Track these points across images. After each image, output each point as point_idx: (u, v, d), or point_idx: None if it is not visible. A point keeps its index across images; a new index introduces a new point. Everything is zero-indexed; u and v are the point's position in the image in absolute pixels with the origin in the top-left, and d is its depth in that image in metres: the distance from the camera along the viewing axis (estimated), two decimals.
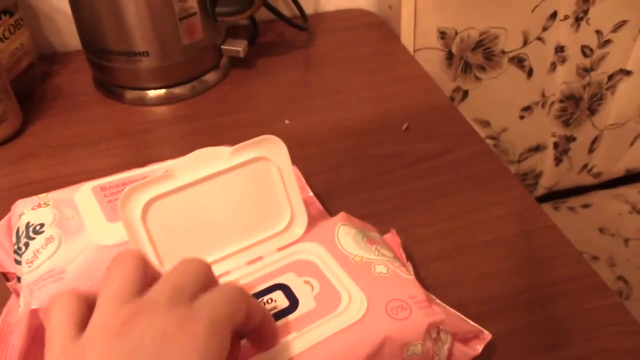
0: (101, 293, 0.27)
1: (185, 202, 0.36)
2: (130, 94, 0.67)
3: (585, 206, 0.92)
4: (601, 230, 0.87)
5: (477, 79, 0.82)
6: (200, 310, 0.26)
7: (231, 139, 0.47)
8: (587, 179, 0.97)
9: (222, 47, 0.69)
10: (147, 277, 0.28)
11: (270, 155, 0.38)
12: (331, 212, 0.49)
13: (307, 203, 0.41)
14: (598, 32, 0.83)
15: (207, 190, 0.36)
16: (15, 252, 0.39)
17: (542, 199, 0.96)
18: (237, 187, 0.37)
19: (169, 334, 0.24)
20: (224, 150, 0.37)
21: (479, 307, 0.43)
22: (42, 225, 0.40)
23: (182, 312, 0.26)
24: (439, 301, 0.38)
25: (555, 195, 0.96)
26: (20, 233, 0.40)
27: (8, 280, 0.41)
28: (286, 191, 0.39)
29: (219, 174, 0.36)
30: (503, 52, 0.81)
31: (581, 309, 0.44)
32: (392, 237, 0.45)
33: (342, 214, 0.42)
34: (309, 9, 0.82)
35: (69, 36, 0.76)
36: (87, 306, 0.27)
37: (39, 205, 0.41)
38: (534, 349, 0.41)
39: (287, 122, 0.64)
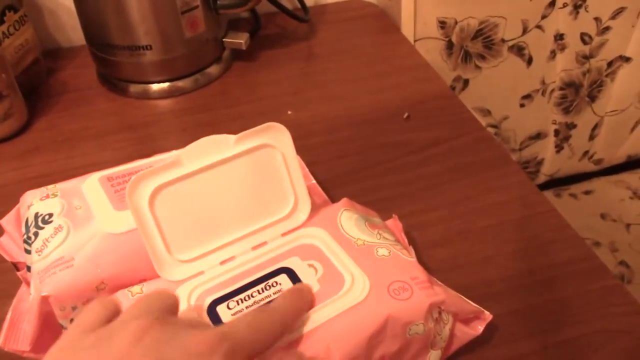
0: (132, 308, 0.29)
1: (192, 189, 0.36)
2: (134, 88, 0.67)
3: (587, 192, 0.93)
4: (603, 216, 0.88)
5: (478, 67, 0.82)
6: (226, 338, 0.27)
7: (234, 130, 0.47)
8: (588, 166, 0.98)
9: (224, 40, 0.70)
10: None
11: (274, 142, 0.38)
12: (334, 200, 0.50)
13: (310, 191, 0.42)
14: (597, 19, 0.83)
15: (212, 177, 0.37)
16: (24, 241, 0.40)
17: (544, 186, 0.97)
18: (242, 174, 0.38)
19: (192, 354, 0.26)
20: (229, 138, 0.37)
21: (481, 290, 0.43)
22: (50, 215, 0.41)
23: (208, 336, 0.26)
24: (440, 283, 0.39)
25: (557, 183, 0.97)
26: (29, 223, 0.41)
27: (18, 270, 0.42)
28: (290, 177, 0.40)
29: (224, 162, 0.37)
30: (503, 40, 0.81)
31: (581, 291, 0.45)
32: (394, 223, 0.45)
33: (344, 200, 0.43)
34: (309, 1, 0.83)
35: (72, 31, 0.76)
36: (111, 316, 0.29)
37: (47, 196, 0.42)
38: (534, 329, 0.42)
39: (289, 112, 0.64)
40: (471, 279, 0.45)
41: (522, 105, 0.87)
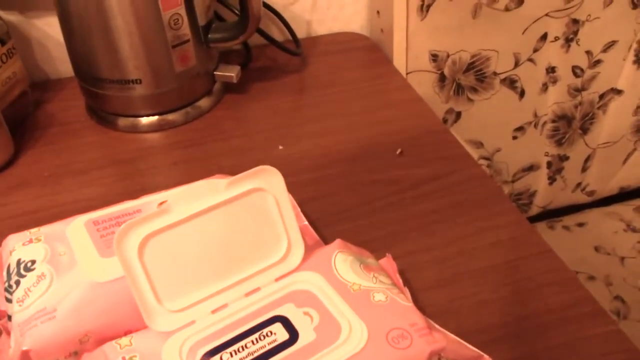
0: None
1: (182, 236, 0.35)
2: (123, 122, 0.66)
3: (580, 225, 0.92)
4: (597, 249, 0.87)
5: (470, 100, 0.82)
6: None
7: (225, 165, 0.47)
8: (581, 197, 0.97)
9: (215, 73, 0.69)
10: None
11: (266, 185, 0.37)
12: (326, 240, 0.49)
13: (302, 232, 0.40)
14: (588, 52, 0.84)
15: (203, 223, 0.36)
16: (6, 290, 0.39)
17: (537, 218, 0.96)
18: (234, 219, 0.37)
19: None
20: (220, 182, 0.36)
21: (477, 337, 0.42)
22: (33, 262, 0.39)
23: None
24: (438, 327, 0.38)
25: (550, 214, 0.96)
26: (11, 270, 0.39)
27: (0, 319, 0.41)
28: (283, 221, 0.38)
29: (215, 207, 0.36)
30: (495, 73, 0.81)
31: (579, 337, 0.43)
32: (387, 262, 0.44)
33: (338, 241, 0.42)
34: (301, 33, 0.83)
35: (61, 63, 0.75)
36: None
37: (30, 241, 0.41)
38: None
39: (280, 147, 0.63)
40: (467, 324, 0.44)
41: (514, 138, 0.87)
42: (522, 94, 0.84)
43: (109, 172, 0.61)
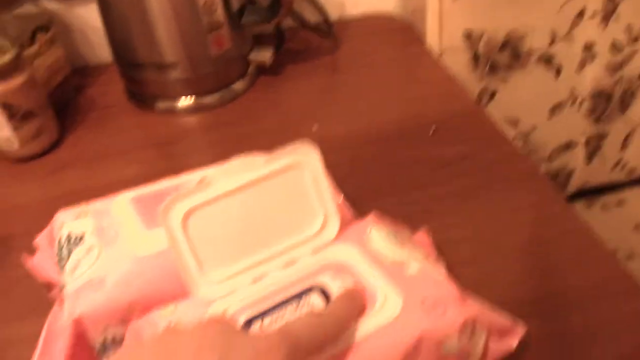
0: None
1: (223, 210, 0.36)
2: (160, 104, 0.68)
3: (619, 203, 0.90)
4: (636, 227, 0.86)
5: (505, 79, 0.81)
6: (288, 337, 0.28)
7: (260, 146, 0.48)
8: (620, 176, 0.95)
9: (249, 56, 0.70)
10: None
11: (303, 162, 0.38)
12: (362, 216, 0.49)
13: (338, 209, 0.41)
14: (628, 27, 0.81)
15: (243, 198, 0.37)
16: (58, 262, 0.41)
17: (574, 197, 0.95)
18: (272, 194, 0.38)
19: (261, 350, 0.27)
20: (258, 159, 0.37)
21: (511, 310, 0.42)
22: (82, 235, 0.41)
23: (273, 334, 0.28)
24: (471, 297, 0.38)
25: (588, 193, 0.95)
26: (62, 243, 0.41)
27: (51, 289, 0.43)
28: (319, 195, 0.39)
29: (254, 183, 0.37)
30: (530, 51, 0.80)
31: (615, 312, 0.43)
32: (422, 236, 0.45)
33: (373, 215, 0.42)
34: (333, 15, 0.83)
35: (101, 50, 0.78)
36: None
37: (79, 216, 0.43)
38: (566, 353, 0.41)
39: (315, 128, 0.64)
40: (500, 299, 0.44)
41: (551, 116, 0.86)
42: (558, 71, 0.82)
43: (149, 152, 0.63)
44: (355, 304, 0.34)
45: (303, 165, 0.38)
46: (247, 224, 0.37)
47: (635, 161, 0.95)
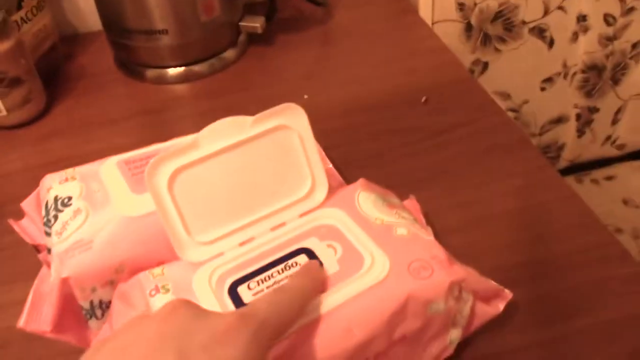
0: None
1: (210, 171, 0.36)
2: (150, 73, 0.67)
3: (609, 178, 0.91)
4: (625, 202, 0.86)
5: (497, 50, 0.81)
6: (249, 319, 0.27)
7: (251, 115, 0.47)
8: (610, 151, 0.96)
9: (240, 23, 0.69)
10: None
11: (291, 123, 0.38)
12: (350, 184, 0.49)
13: (327, 174, 0.41)
14: None
15: (230, 159, 0.37)
16: (44, 224, 0.41)
17: (565, 171, 0.95)
18: (260, 156, 0.38)
19: (217, 335, 0.26)
20: (246, 119, 0.37)
21: (500, 275, 0.42)
22: (69, 198, 0.41)
23: (232, 318, 0.27)
24: (458, 263, 0.38)
25: (578, 168, 0.95)
26: (49, 206, 0.41)
27: (39, 252, 0.43)
28: (307, 158, 0.39)
29: (242, 143, 0.37)
30: (523, 22, 0.79)
31: (603, 277, 0.44)
32: (411, 203, 0.45)
33: (361, 180, 0.42)
34: None
35: (89, 17, 0.76)
36: None
37: (66, 180, 0.42)
38: (554, 316, 0.41)
39: (306, 97, 0.64)
40: (489, 264, 0.44)
41: (542, 89, 0.86)
42: (551, 43, 0.82)
43: (138, 121, 0.63)
44: (316, 277, 0.34)
45: (291, 127, 0.38)
46: (235, 186, 0.37)
47: (626, 136, 0.95)
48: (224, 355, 0.25)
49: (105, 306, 0.38)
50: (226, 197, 0.37)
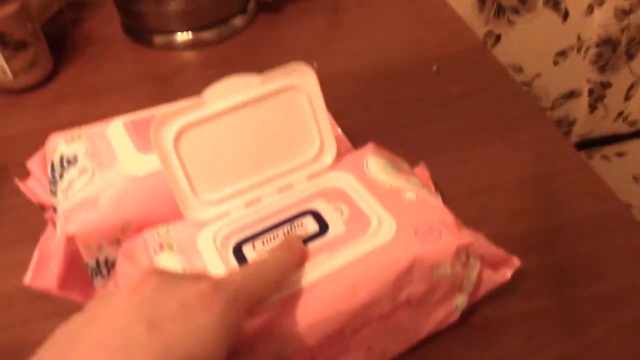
0: None
1: (217, 130, 0.36)
2: (158, 39, 0.67)
3: (620, 154, 0.90)
4: (635, 178, 0.85)
5: (511, 22, 0.80)
6: (223, 287, 0.26)
7: None
8: (622, 127, 0.95)
9: None
10: None
11: (300, 84, 0.38)
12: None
13: (336, 140, 0.41)
14: None
15: (238, 118, 0.36)
16: (50, 183, 0.40)
17: (576, 147, 0.94)
18: (268, 116, 0.37)
19: (188, 304, 0.25)
20: (254, 78, 0.36)
21: (509, 243, 0.42)
22: (75, 157, 0.40)
23: (205, 286, 0.26)
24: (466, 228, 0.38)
25: (589, 144, 0.94)
26: (55, 165, 0.41)
27: (45, 211, 0.43)
28: (316, 120, 0.39)
29: (249, 103, 0.36)
30: None
31: (613, 245, 0.43)
32: (421, 171, 0.44)
33: (371, 145, 0.42)
34: None
35: None
36: None
37: (72, 139, 0.42)
38: (562, 283, 0.41)
39: (315, 65, 0.63)
40: (498, 232, 0.43)
41: (555, 63, 0.84)
42: (565, 16, 0.80)
43: (145, 88, 0.62)
44: (296, 251, 0.33)
45: (300, 88, 0.38)
46: (242, 146, 0.37)
47: (638, 113, 0.94)
48: (197, 324, 0.24)
49: (111, 264, 0.38)
50: (233, 157, 0.37)
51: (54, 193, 0.40)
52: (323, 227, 0.35)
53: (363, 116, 0.56)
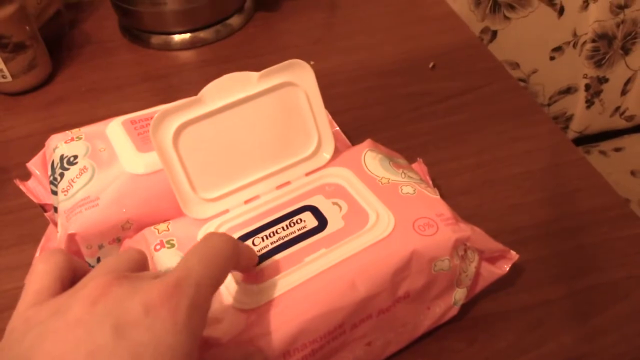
0: (94, 269, 0.27)
1: (215, 127, 0.36)
2: (155, 39, 0.67)
3: (617, 150, 0.90)
4: (633, 173, 0.86)
5: (506, 18, 0.80)
6: (185, 283, 0.25)
7: None
8: (619, 122, 0.95)
9: None
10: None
11: (297, 80, 0.38)
12: None
13: (333, 137, 0.41)
14: None
15: (236, 115, 0.36)
16: (51, 183, 0.41)
17: (573, 142, 0.94)
18: (266, 112, 0.37)
19: (154, 307, 0.24)
20: (252, 75, 0.37)
21: (506, 237, 0.42)
22: (75, 156, 0.41)
23: (167, 285, 0.25)
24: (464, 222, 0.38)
25: (587, 139, 0.94)
26: (55, 165, 0.41)
27: (45, 212, 0.43)
28: (314, 116, 0.39)
29: (247, 99, 0.37)
30: None
31: (610, 238, 0.44)
32: (418, 166, 0.45)
33: (368, 141, 0.42)
34: None
35: None
36: (73, 271, 0.27)
37: (72, 139, 0.42)
38: (561, 275, 0.41)
39: (312, 63, 0.63)
40: (497, 225, 0.44)
41: (552, 58, 0.85)
42: (561, 11, 0.80)
43: (144, 88, 0.63)
44: (227, 237, 0.30)
45: (297, 84, 0.38)
46: (240, 143, 0.37)
47: (635, 108, 0.94)
48: (164, 327, 0.23)
49: None
50: (231, 154, 0.37)
51: (54, 193, 0.40)
52: (322, 222, 0.35)
53: (360, 113, 0.56)
